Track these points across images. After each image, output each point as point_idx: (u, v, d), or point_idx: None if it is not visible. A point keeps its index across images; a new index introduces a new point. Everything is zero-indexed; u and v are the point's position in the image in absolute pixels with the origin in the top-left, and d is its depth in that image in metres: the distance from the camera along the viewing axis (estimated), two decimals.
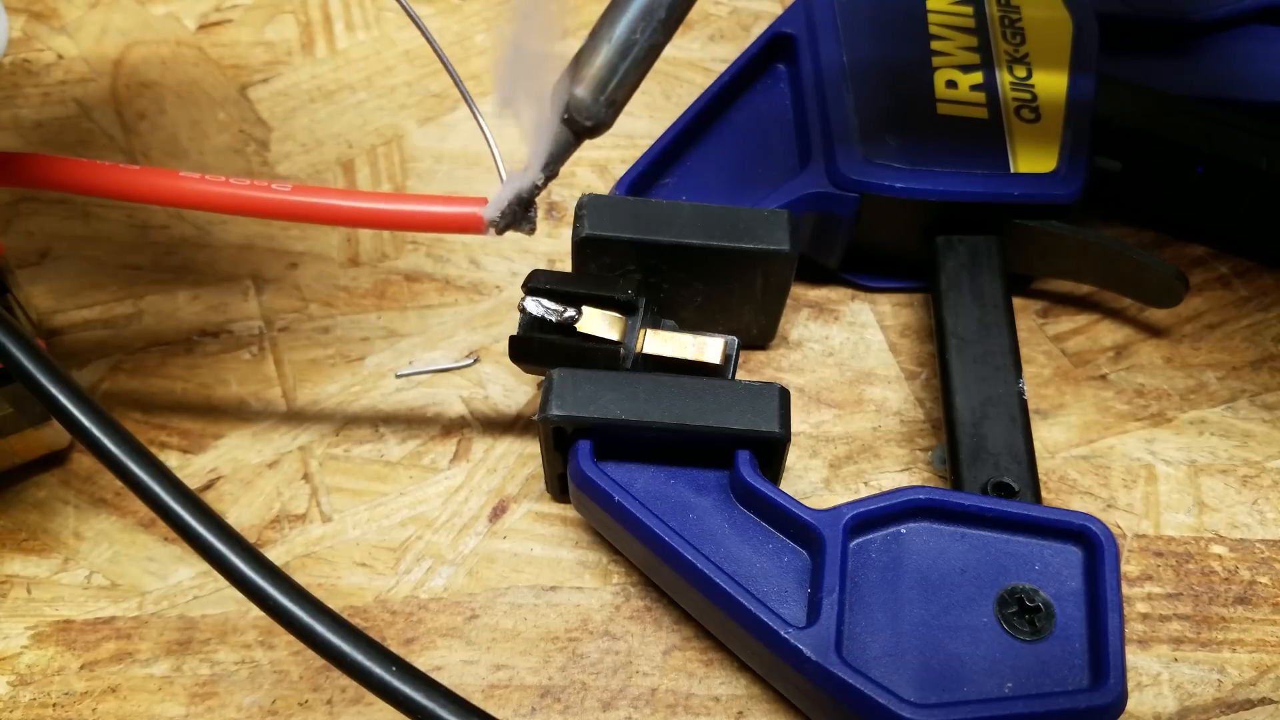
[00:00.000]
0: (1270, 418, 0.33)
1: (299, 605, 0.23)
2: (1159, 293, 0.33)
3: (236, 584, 0.23)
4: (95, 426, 0.23)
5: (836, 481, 0.32)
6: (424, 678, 0.23)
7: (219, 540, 0.23)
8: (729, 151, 0.35)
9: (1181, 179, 0.35)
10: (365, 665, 0.22)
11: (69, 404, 0.23)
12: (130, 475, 0.23)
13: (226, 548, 0.23)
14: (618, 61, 0.22)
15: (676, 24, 0.22)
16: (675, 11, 0.22)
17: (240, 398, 0.33)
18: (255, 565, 0.23)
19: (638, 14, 0.22)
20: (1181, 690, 0.28)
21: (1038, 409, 0.33)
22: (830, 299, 0.36)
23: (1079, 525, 0.26)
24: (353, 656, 0.22)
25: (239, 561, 0.23)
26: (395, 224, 0.24)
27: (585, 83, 0.22)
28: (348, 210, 0.24)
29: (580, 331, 0.29)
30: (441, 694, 0.22)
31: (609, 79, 0.22)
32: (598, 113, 0.22)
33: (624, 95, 0.22)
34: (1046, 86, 0.34)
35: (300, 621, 0.22)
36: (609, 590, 0.30)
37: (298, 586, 0.23)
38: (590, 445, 0.28)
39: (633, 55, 0.22)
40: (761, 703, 0.28)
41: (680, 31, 0.45)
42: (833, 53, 0.35)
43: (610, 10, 0.22)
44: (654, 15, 0.22)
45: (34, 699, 0.27)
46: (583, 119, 0.22)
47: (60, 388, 0.23)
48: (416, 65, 0.42)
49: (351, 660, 0.22)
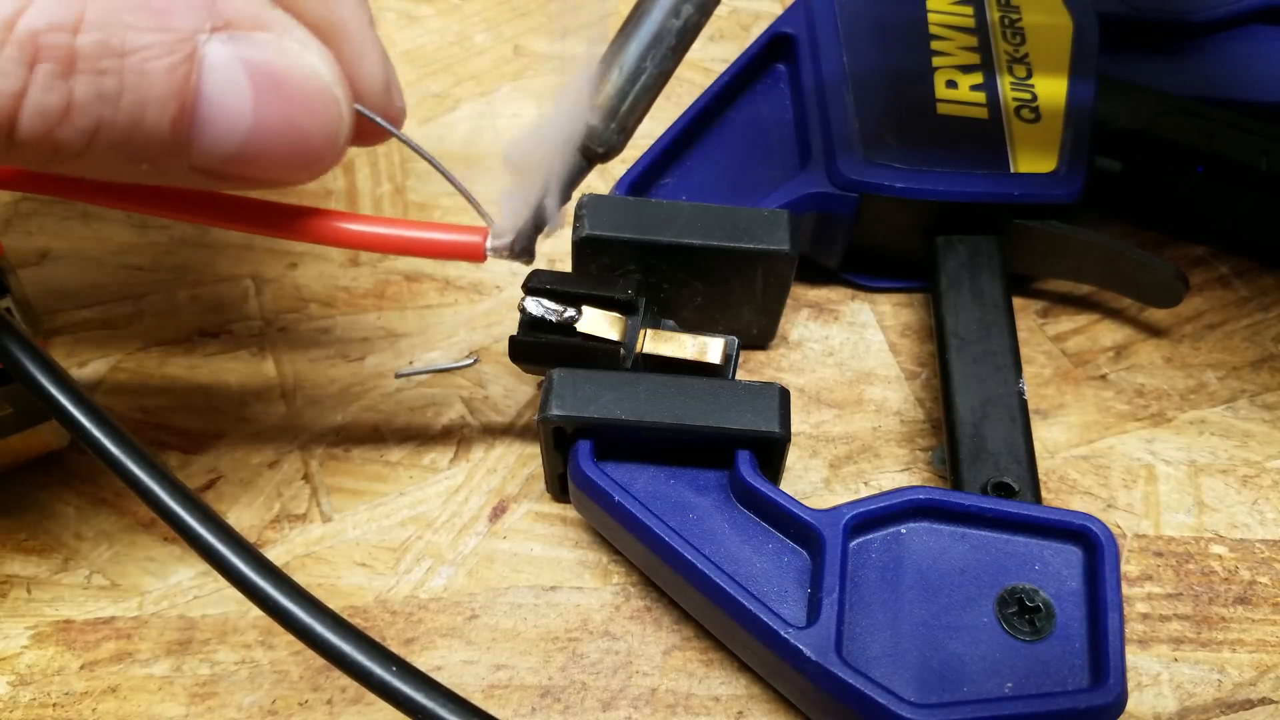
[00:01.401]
0: (1270, 418, 0.33)
1: (299, 605, 0.23)
2: (1159, 293, 0.33)
3: (236, 584, 0.23)
4: (95, 427, 0.23)
5: (836, 481, 0.32)
6: (424, 678, 0.23)
7: (219, 540, 0.23)
8: (729, 151, 0.35)
9: (1181, 179, 0.35)
10: (366, 665, 0.22)
11: (69, 404, 0.23)
12: (130, 475, 0.23)
13: (226, 548, 0.23)
14: (628, 88, 0.22)
15: (684, 50, 0.22)
16: (684, 39, 0.22)
17: (240, 397, 0.33)
18: (255, 565, 0.23)
19: (647, 42, 0.22)
20: (1181, 690, 0.28)
21: (1038, 409, 0.33)
22: (830, 299, 0.36)
23: (1079, 525, 0.26)
24: (353, 657, 0.22)
25: (239, 562, 0.23)
26: (396, 249, 0.25)
27: (596, 111, 0.23)
28: (350, 233, 0.25)
29: (580, 331, 0.29)
30: (442, 694, 0.22)
31: (619, 105, 0.23)
32: (609, 139, 0.23)
33: (634, 122, 0.23)
34: (1046, 87, 0.34)
35: (300, 622, 0.23)
36: (609, 590, 0.30)
37: (298, 587, 0.23)
38: (590, 445, 0.28)
39: (642, 82, 0.22)
40: (761, 703, 0.28)
41: None
42: (833, 53, 0.35)
43: (620, 38, 0.22)
44: (663, 43, 0.22)
45: (34, 699, 0.27)
46: (595, 145, 0.23)
47: (60, 388, 0.23)
48: (416, 65, 0.42)
49: (352, 660, 0.22)
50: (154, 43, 0.19)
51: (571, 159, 0.23)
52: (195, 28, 0.19)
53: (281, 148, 0.21)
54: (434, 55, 0.43)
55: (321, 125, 0.21)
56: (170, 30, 0.19)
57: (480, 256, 0.25)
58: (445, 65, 0.42)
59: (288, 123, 0.21)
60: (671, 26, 0.22)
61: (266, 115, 0.20)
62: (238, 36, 0.20)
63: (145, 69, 0.19)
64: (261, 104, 0.20)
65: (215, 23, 0.20)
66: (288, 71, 0.21)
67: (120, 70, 0.19)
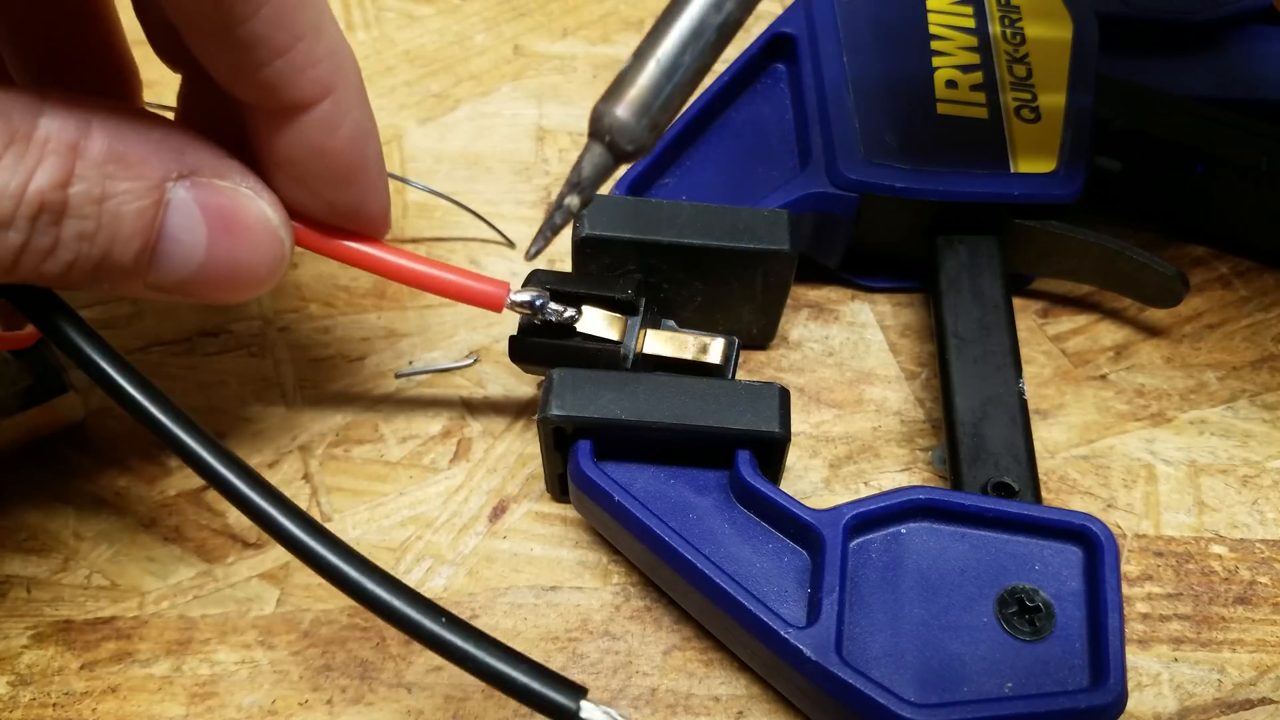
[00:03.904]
0: (1270, 418, 0.33)
1: (357, 569, 0.23)
2: (1159, 293, 0.33)
3: (286, 544, 0.24)
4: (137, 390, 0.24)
5: (836, 481, 0.32)
6: (474, 629, 0.23)
7: (268, 503, 0.23)
8: (729, 151, 0.35)
9: (1181, 179, 0.35)
10: (416, 619, 0.23)
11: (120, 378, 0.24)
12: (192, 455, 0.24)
13: (275, 509, 0.23)
14: (663, 84, 0.21)
15: (724, 46, 0.21)
16: (724, 34, 0.21)
17: (240, 397, 0.33)
18: (303, 525, 0.24)
19: (687, 35, 0.21)
20: (1181, 690, 0.28)
21: (1038, 409, 0.33)
22: (830, 299, 0.36)
23: (1079, 525, 0.26)
24: (404, 611, 0.23)
25: (288, 523, 0.23)
26: (425, 285, 0.27)
27: (628, 104, 0.21)
28: (386, 264, 0.27)
29: (580, 331, 0.29)
30: (490, 642, 0.23)
31: (653, 101, 0.21)
32: (640, 136, 0.21)
33: (667, 119, 0.22)
34: (1046, 86, 0.34)
35: (351, 579, 0.23)
36: (609, 590, 0.30)
37: (349, 547, 0.24)
38: (590, 445, 0.28)
39: (678, 78, 0.21)
40: (761, 703, 0.28)
41: None
42: (833, 53, 0.35)
43: (656, 31, 0.21)
44: (703, 36, 0.21)
45: (34, 699, 0.27)
46: (625, 142, 0.21)
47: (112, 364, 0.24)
48: (416, 65, 0.42)
49: (403, 614, 0.23)
50: (129, 189, 0.22)
51: (599, 156, 0.22)
52: (164, 175, 0.22)
53: (227, 276, 0.24)
54: (434, 55, 0.43)
55: (265, 259, 0.24)
56: (143, 178, 0.22)
57: (499, 308, 0.27)
58: (445, 65, 0.42)
59: (235, 257, 0.24)
60: (713, 21, 0.21)
61: (218, 250, 0.23)
62: (199, 183, 0.23)
63: (119, 211, 0.22)
64: (214, 240, 0.23)
65: (181, 170, 0.23)
66: (239, 214, 0.24)
67: (99, 214, 0.21)
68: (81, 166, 0.21)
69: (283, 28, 0.23)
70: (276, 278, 0.25)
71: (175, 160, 0.22)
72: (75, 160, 0.21)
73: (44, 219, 0.21)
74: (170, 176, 0.22)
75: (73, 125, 0.21)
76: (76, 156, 0.21)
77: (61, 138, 0.21)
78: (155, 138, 0.22)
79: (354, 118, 0.26)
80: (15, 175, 0.20)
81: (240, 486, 0.23)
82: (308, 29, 0.23)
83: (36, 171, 0.20)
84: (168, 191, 0.22)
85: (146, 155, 0.22)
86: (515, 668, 0.22)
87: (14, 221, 0.20)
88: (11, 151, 0.20)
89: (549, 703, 0.22)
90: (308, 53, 0.24)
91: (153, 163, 0.22)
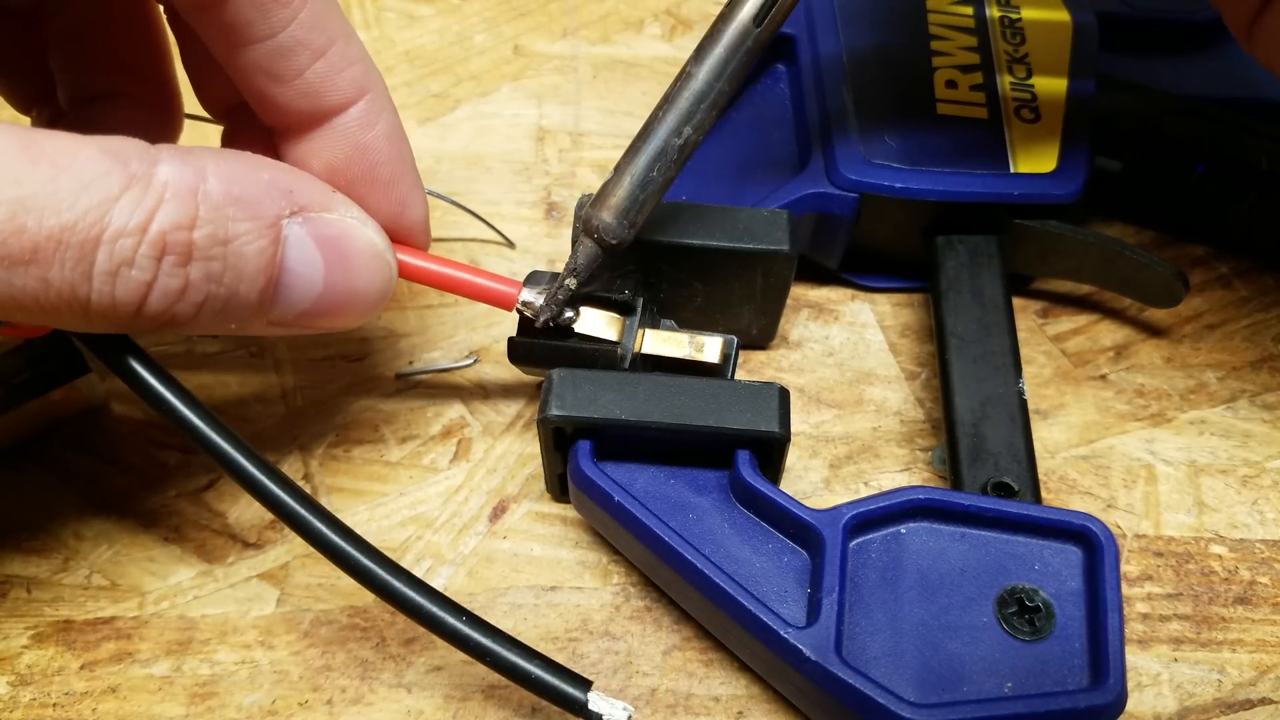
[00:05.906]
0: (1270, 418, 0.33)
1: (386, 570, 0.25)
2: (1159, 293, 0.33)
3: (305, 536, 0.25)
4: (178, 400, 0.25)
5: (836, 481, 0.32)
6: (492, 627, 0.25)
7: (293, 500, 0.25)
8: (729, 151, 0.35)
9: (1181, 179, 0.35)
10: (438, 615, 0.24)
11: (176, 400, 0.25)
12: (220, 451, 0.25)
13: (292, 499, 0.25)
14: (638, 193, 0.27)
15: (685, 162, 0.27)
16: (683, 153, 0.27)
17: (240, 398, 0.33)
18: (326, 521, 0.25)
19: (653, 156, 0.27)
20: (1181, 690, 0.28)
21: (1038, 409, 0.33)
22: (830, 299, 0.36)
23: (1079, 525, 0.26)
24: (428, 608, 0.24)
25: (307, 514, 0.25)
26: (441, 284, 0.28)
27: (611, 209, 0.27)
28: (406, 265, 0.28)
29: (579, 332, 0.29)
30: (507, 640, 0.24)
31: (631, 207, 0.27)
32: (621, 233, 0.27)
33: (642, 219, 0.27)
34: (1046, 86, 0.34)
35: (379, 577, 0.25)
36: (609, 590, 0.30)
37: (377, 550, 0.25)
38: (590, 445, 0.28)
39: (650, 189, 0.27)
40: (761, 703, 0.28)
41: (680, 32, 0.45)
42: (832, 53, 0.35)
43: (630, 152, 0.27)
44: (667, 156, 0.27)
45: (34, 699, 0.27)
46: (609, 239, 0.27)
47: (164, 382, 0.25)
48: (416, 65, 0.42)
49: (426, 611, 0.24)
50: (249, 229, 0.23)
51: (590, 249, 0.27)
52: (279, 214, 0.23)
53: (343, 304, 0.25)
54: (434, 55, 0.43)
55: (376, 283, 0.26)
56: (260, 218, 0.23)
57: (510, 306, 0.28)
58: (445, 65, 0.42)
59: (351, 285, 0.25)
60: (674, 144, 0.27)
61: (334, 280, 0.25)
62: (311, 218, 0.24)
63: (243, 251, 0.23)
64: (330, 271, 0.25)
65: (293, 207, 0.24)
66: (351, 243, 0.25)
67: (224, 255, 0.22)
68: (205, 210, 0.22)
69: (319, 29, 0.25)
70: (386, 300, 0.26)
71: (286, 198, 0.23)
72: (197, 204, 0.21)
73: (170, 261, 0.21)
74: (284, 214, 0.23)
75: (190, 170, 0.21)
76: (198, 201, 0.21)
77: (180, 182, 0.21)
78: (265, 178, 0.23)
79: (388, 117, 0.27)
80: (135, 215, 0.21)
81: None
82: (339, 33, 0.25)
83: (157, 212, 0.21)
84: (284, 228, 0.23)
85: (260, 195, 0.23)
86: (530, 661, 0.24)
87: (136, 260, 0.21)
88: (130, 194, 0.21)
89: (561, 694, 0.24)
90: (342, 54, 0.25)
91: (266, 202, 0.23)
